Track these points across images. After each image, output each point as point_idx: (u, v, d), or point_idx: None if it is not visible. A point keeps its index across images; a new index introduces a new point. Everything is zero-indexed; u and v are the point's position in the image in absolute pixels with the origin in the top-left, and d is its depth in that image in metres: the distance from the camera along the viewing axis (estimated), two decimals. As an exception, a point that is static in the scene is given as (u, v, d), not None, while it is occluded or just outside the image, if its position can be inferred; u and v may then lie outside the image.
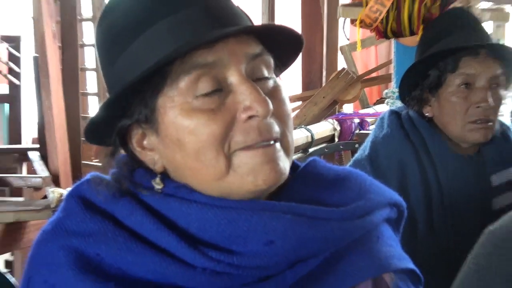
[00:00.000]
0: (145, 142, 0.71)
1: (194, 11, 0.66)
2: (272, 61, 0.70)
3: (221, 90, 0.66)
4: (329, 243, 0.69)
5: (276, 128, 0.67)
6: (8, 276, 1.22)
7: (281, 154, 0.67)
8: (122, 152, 0.73)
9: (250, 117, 0.65)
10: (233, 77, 0.66)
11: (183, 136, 0.66)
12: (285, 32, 0.70)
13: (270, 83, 0.69)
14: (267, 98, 0.66)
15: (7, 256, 3.10)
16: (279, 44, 0.71)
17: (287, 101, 0.70)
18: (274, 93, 0.68)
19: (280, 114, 0.68)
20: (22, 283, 0.70)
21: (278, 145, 0.67)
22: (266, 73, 0.69)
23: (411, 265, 0.75)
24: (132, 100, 0.68)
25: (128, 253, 0.65)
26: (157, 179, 0.69)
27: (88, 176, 0.73)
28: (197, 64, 0.65)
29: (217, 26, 0.66)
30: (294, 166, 0.77)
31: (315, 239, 0.68)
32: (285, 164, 0.68)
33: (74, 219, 0.69)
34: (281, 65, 0.74)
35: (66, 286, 0.65)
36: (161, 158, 0.70)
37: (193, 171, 0.67)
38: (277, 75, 0.72)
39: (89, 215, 0.69)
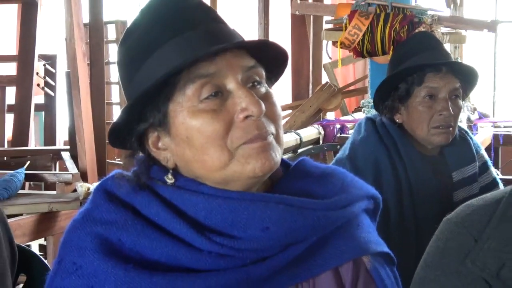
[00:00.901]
0: (159, 144, 0.71)
1: (197, 33, 0.67)
2: (263, 73, 0.71)
3: (221, 95, 0.67)
4: (315, 229, 0.69)
5: (269, 125, 0.68)
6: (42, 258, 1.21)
7: (274, 145, 0.68)
8: (140, 153, 0.73)
9: (246, 117, 0.66)
10: (231, 84, 0.67)
11: (192, 134, 0.66)
12: (273, 47, 0.70)
13: (263, 89, 0.70)
14: (260, 100, 0.66)
15: (41, 241, 3.08)
16: (269, 59, 0.71)
17: (277, 104, 0.71)
18: (266, 97, 0.69)
19: (271, 115, 0.69)
20: (54, 264, 0.69)
21: (271, 137, 0.68)
22: (259, 82, 0.69)
23: (386, 248, 0.75)
24: (147, 106, 0.68)
25: (145, 238, 0.65)
26: (169, 175, 0.70)
27: (112, 173, 0.73)
28: (201, 75, 0.66)
29: (216, 43, 0.66)
30: (286, 164, 0.77)
31: (304, 226, 0.67)
32: (277, 154, 0.68)
33: (100, 209, 0.69)
34: (272, 76, 0.75)
35: (92, 267, 0.65)
36: (173, 156, 0.70)
37: (201, 163, 0.67)
38: (269, 87, 0.72)
39: (113, 206, 0.68)
